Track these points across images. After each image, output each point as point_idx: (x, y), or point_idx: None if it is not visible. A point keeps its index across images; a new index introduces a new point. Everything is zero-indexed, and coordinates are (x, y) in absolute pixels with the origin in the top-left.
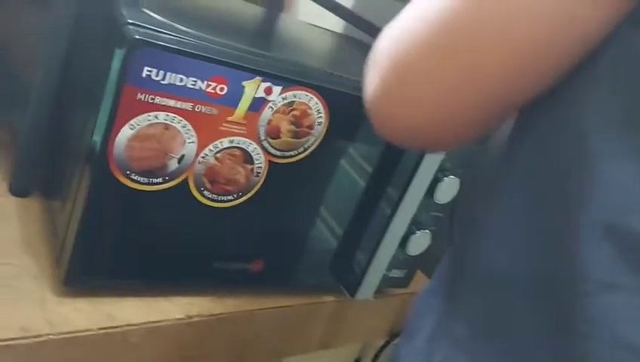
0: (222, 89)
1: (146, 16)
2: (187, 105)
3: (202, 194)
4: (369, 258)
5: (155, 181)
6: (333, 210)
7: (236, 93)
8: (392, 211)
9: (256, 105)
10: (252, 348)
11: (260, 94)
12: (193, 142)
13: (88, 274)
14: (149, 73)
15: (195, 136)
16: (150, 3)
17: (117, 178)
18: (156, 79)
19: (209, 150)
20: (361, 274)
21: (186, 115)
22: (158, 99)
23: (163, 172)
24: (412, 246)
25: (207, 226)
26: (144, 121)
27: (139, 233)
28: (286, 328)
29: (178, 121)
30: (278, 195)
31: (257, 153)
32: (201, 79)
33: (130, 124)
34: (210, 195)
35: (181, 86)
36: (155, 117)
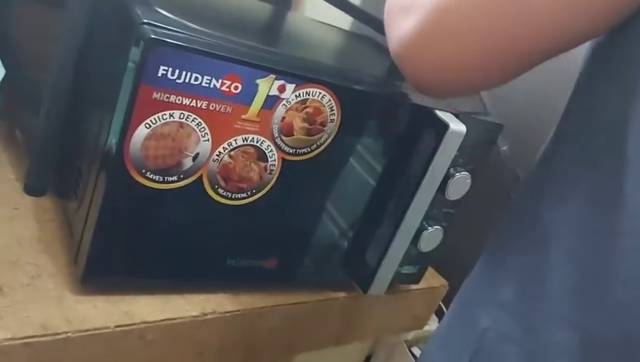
0: (236, 87)
1: (161, 16)
2: (202, 104)
3: (216, 192)
4: (381, 254)
5: (170, 179)
6: (346, 206)
7: (250, 91)
8: (404, 207)
9: (270, 103)
10: (266, 345)
11: (274, 92)
12: (208, 140)
13: (105, 272)
14: (165, 72)
15: (209, 134)
16: (161, 2)
17: (133, 176)
18: (171, 78)
19: (223, 148)
20: (374, 270)
21: (201, 113)
22: (174, 97)
23: (178, 170)
24: (424, 242)
25: (221, 224)
26: (160, 120)
27: (154, 231)
28: (299, 324)
29: (193, 120)
30: (292, 192)
31: (271, 151)
32: (215, 78)
33: (146, 122)
34: (224, 193)
35: (196, 85)
36: (170, 115)
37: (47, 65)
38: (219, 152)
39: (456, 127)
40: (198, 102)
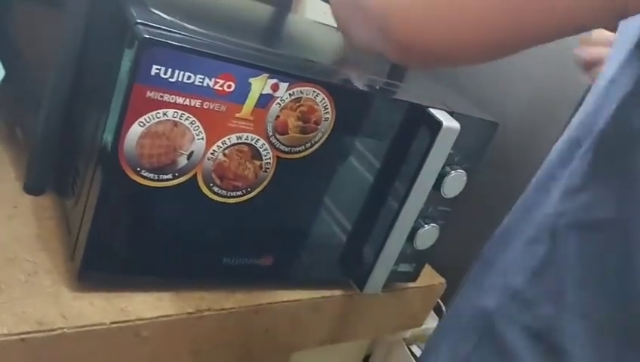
0: (229, 86)
1: (155, 16)
2: (196, 103)
3: (211, 190)
4: (377, 252)
5: (164, 177)
6: (342, 204)
7: (244, 89)
8: (400, 205)
9: (264, 101)
10: (261, 342)
11: (267, 91)
12: (202, 138)
13: (101, 269)
14: (158, 71)
15: (203, 132)
16: (156, 2)
17: (128, 175)
18: (165, 77)
19: (217, 146)
20: (369, 268)
21: (195, 111)
22: (167, 96)
23: (173, 168)
24: (420, 240)
25: (216, 222)
26: (154, 119)
27: (150, 229)
28: (295, 322)
29: (187, 118)
30: (287, 190)
31: (265, 149)
32: (209, 76)
33: (140, 121)
34: (219, 191)
35: (189, 83)
36: (164, 114)
37: (46, 65)
38: (213, 151)
39: (450, 124)
40: (192, 101)
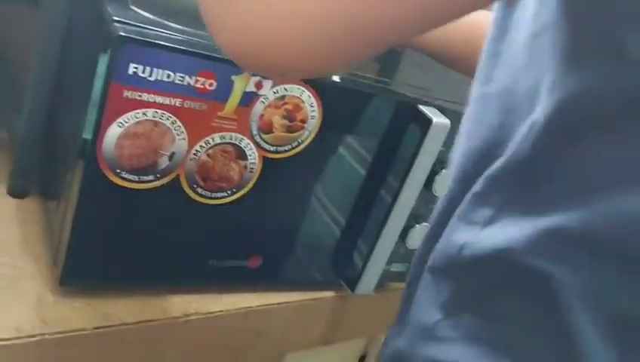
0: (211, 84)
1: (133, 13)
2: (176, 102)
3: (195, 192)
4: (368, 252)
5: (146, 179)
6: (331, 204)
7: (226, 87)
8: (391, 204)
9: (247, 99)
10: (253, 346)
11: (251, 88)
12: (183, 138)
13: (84, 273)
14: (136, 70)
15: (185, 132)
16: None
17: (107, 177)
18: (143, 76)
19: (200, 146)
20: (361, 269)
21: (175, 111)
22: (146, 95)
23: (154, 170)
24: (412, 239)
25: (202, 224)
26: (132, 119)
27: (133, 232)
28: (286, 324)
29: (167, 118)
30: (274, 191)
31: (250, 149)
32: (189, 75)
33: (119, 122)
34: (203, 192)
35: (169, 82)
36: (143, 114)
37: (28, 66)
38: (196, 151)
39: (440, 121)
40: (172, 99)
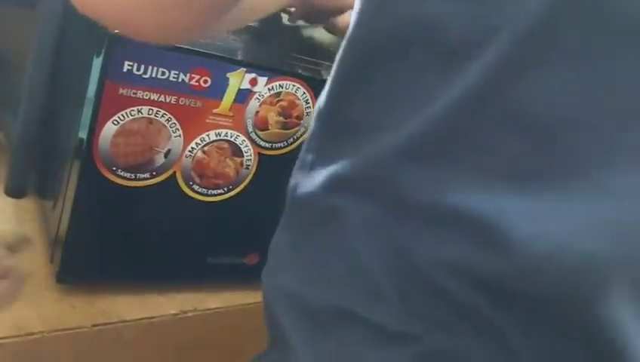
0: (205, 81)
1: None
2: (171, 99)
3: (191, 189)
4: None
5: (142, 176)
6: None
7: (221, 85)
8: None
9: (242, 96)
10: (253, 342)
11: (246, 85)
12: (179, 135)
13: (81, 270)
14: (130, 67)
15: (180, 129)
16: None
17: (103, 174)
18: (137, 73)
19: (196, 143)
20: None
21: (170, 108)
22: (141, 93)
23: (150, 167)
24: None
25: (199, 221)
26: (128, 116)
27: (130, 229)
28: None
29: (162, 115)
30: (270, 187)
31: (246, 145)
32: (183, 72)
33: (114, 119)
34: (199, 189)
35: (163, 79)
36: (138, 111)
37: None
38: (191, 148)
39: None
40: (167, 97)
